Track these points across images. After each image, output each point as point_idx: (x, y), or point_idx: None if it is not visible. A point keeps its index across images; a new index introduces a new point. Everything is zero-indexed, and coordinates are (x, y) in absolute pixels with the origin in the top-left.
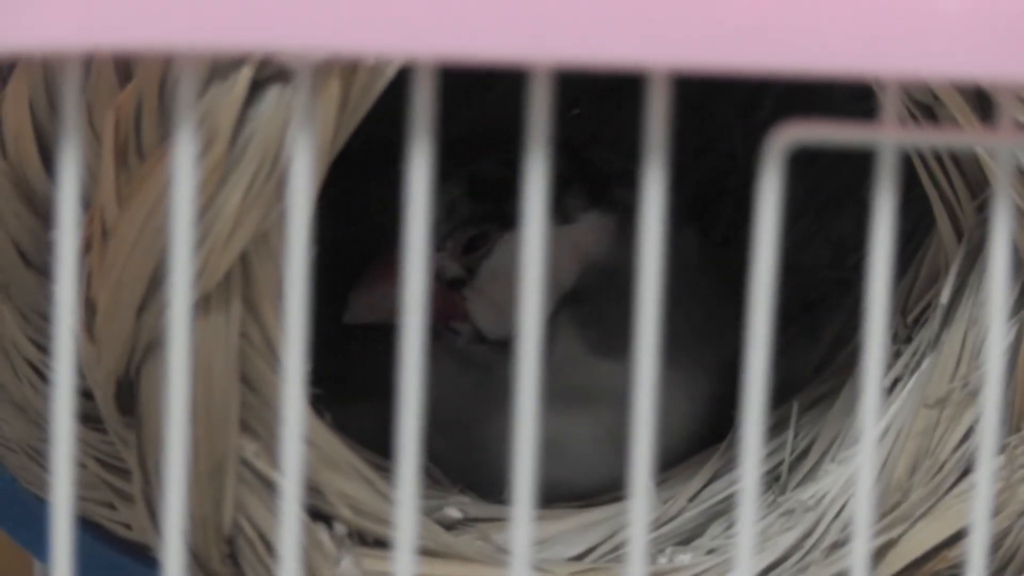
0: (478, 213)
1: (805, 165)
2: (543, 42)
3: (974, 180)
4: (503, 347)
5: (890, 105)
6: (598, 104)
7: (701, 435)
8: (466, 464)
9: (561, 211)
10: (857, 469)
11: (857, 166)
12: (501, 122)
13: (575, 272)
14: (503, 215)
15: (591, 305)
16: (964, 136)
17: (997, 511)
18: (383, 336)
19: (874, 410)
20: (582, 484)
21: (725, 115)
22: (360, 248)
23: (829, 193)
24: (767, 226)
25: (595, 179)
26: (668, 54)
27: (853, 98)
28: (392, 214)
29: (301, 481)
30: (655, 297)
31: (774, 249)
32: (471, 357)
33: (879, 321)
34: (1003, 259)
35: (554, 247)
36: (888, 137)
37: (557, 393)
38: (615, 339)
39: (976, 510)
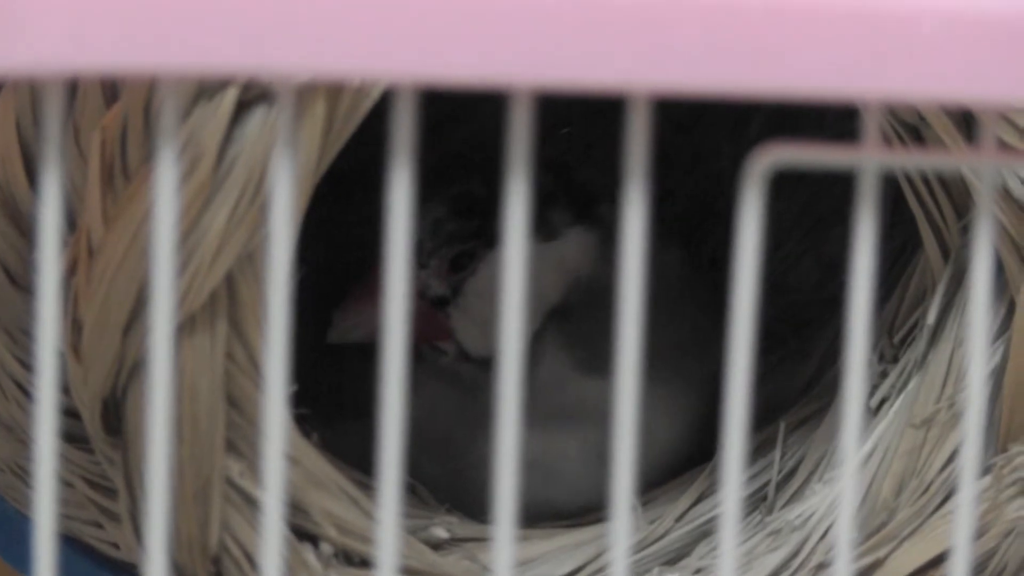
0: (463, 231)
1: (793, 185)
2: (523, 66)
3: (960, 200)
4: (489, 365)
5: (871, 126)
6: (590, 122)
7: (686, 452)
8: (454, 484)
9: (546, 227)
10: (841, 490)
11: (846, 186)
12: (485, 140)
13: (561, 288)
14: (487, 233)
15: (577, 322)
16: (947, 157)
17: (983, 531)
18: (368, 355)
19: (856, 431)
20: (571, 503)
21: (714, 134)
22: (345, 269)
23: (818, 213)
24: (748, 246)
25: (580, 196)
26: (649, 77)
27: (844, 116)
28: (375, 235)
29: (286, 500)
30: (636, 315)
31: (756, 269)
32: (457, 376)
33: (861, 341)
34: (986, 278)
35: (539, 263)
36: (870, 158)
37: (544, 411)
38: (601, 356)
39: (958, 532)
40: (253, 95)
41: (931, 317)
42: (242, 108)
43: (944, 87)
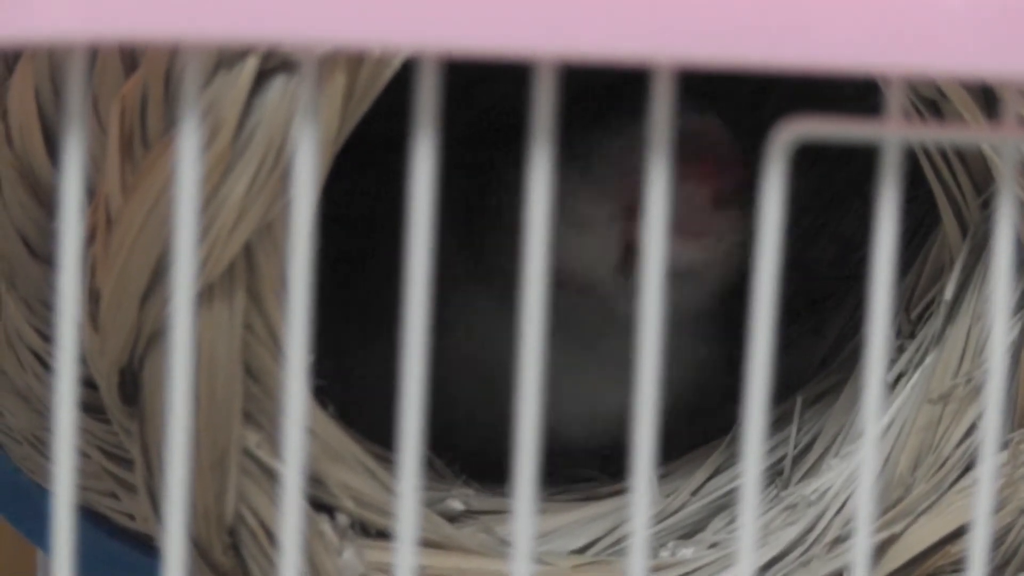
0: None
1: (811, 161)
2: (546, 36)
3: (979, 176)
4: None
5: (894, 101)
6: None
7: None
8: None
9: None
10: (859, 465)
11: (863, 162)
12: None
13: None
14: None
15: None
16: (968, 132)
17: (999, 507)
18: (389, 328)
19: (876, 406)
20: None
21: (731, 110)
22: (364, 244)
23: (835, 189)
24: (770, 222)
25: None
26: (672, 49)
27: (863, 93)
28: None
29: (303, 472)
30: (658, 290)
31: (777, 245)
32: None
33: (882, 317)
34: (1007, 255)
35: None
36: (892, 133)
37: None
38: None
39: (978, 507)
40: (273, 65)
41: (949, 293)
42: (262, 78)
43: (967, 63)
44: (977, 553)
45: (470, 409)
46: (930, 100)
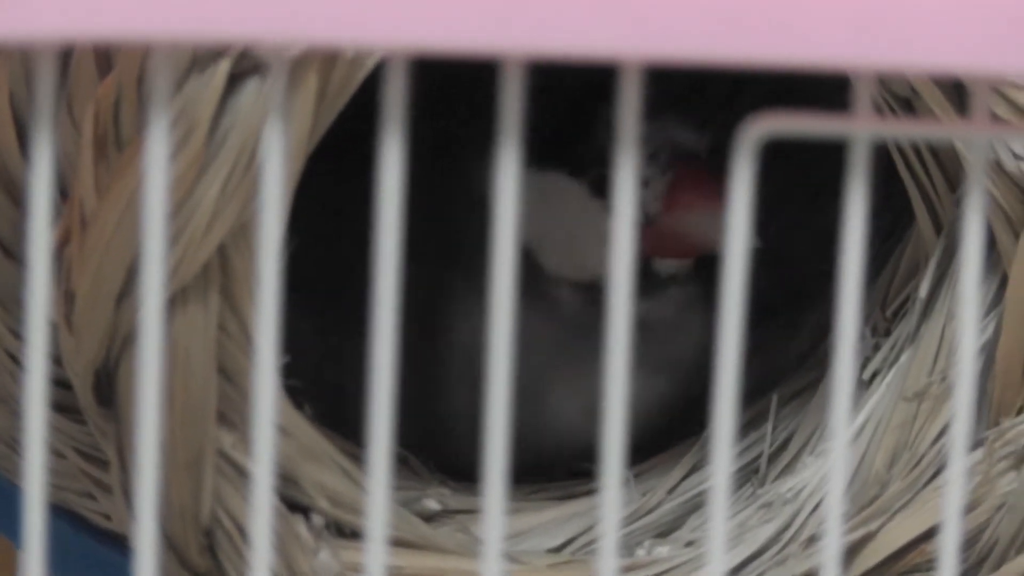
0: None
1: (786, 156)
2: (515, 34)
3: (953, 173)
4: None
5: (863, 97)
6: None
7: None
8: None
9: None
10: (831, 466)
11: (840, 157)
12: None
13: None
14: None
15: None
16: (938, 128)
17: (975, 505)
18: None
19: (846, 405)
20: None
21: (707, 105)
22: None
23: (812, 184)
24: (739, 218)
25: None
26: (640, 46)
27: (840, 89)
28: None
29: (277, 472)
30: (626, 286)
31: (746, 241)
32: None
33: (851, 314)
34: (976, 251)
35: None
36: (862, 129)
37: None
38: None
39: (948, 507)
40: (246, 66)
41: (923, 291)
42: (235, 79)
43: (937, 59)
44: (947, 553)
45: (458, 409)
46: (902, 97)
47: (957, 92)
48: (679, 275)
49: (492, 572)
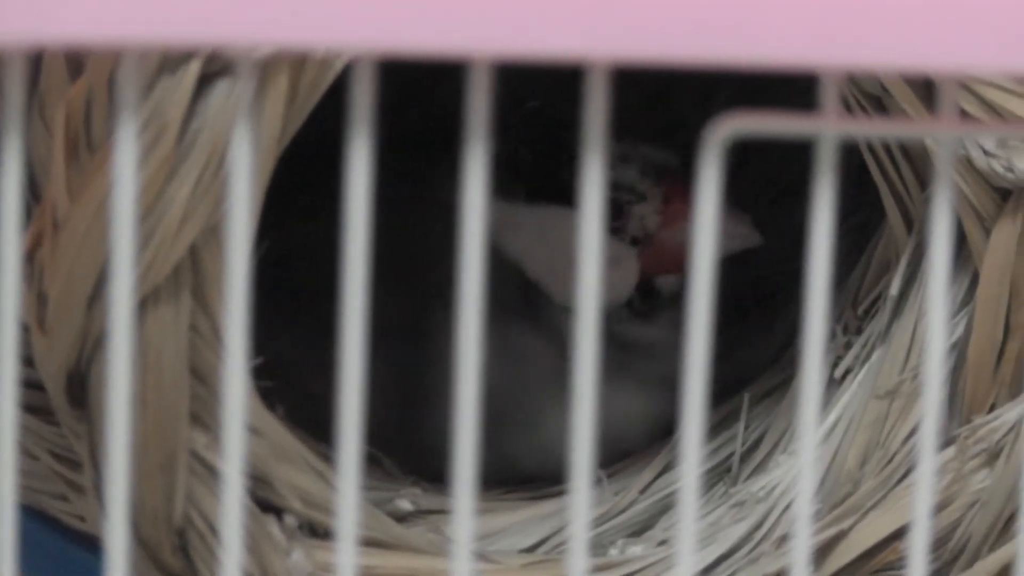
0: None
1: (761, 155)
2: (482, 36)
3: (924, 171)
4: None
5: (831, 95)
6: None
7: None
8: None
9: None
10: (799, 468)
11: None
12: None
13: None
14: None
15: None
16: (905, 126)
17: (947, 503)
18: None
19: (815, 408)
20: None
21: (682, 104)
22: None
23: (786, 182)
24: (706, 217)
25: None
26: (607, 47)
27: (813, 89)
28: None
29: (250, 472)
30: (593, 287)
31: (714, 241)
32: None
33: (819, 313)
34: (945, 249)
35: None
36: (829, 127)
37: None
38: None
39: (917, 508)
40: (216, 68)
41: (894, 288)
42: (205, 81)
43: (903, 57)
44: (917, 554)
45: (432, 410)
46: (873, 96)
47: (928, 90)
48: (682, 291)
49: (463, 572)
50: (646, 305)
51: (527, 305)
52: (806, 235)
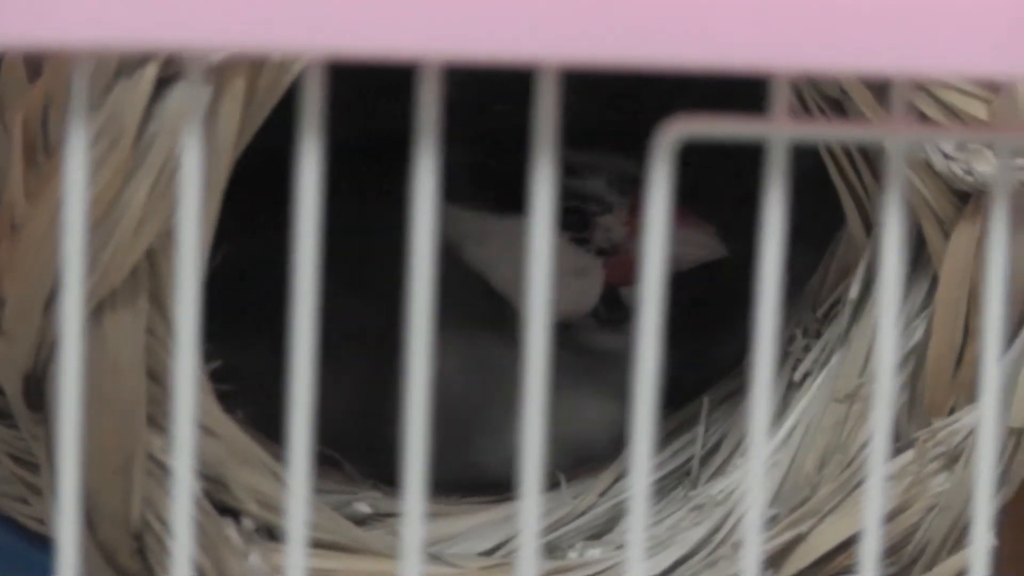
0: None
1: (726, 157)
2: (432, 39)
3: (884, 175)
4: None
5: (780, 99)
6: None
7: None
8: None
9: None
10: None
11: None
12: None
13: None
14: None
15: None
16: (857, 129)
17: (906, 507)
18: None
19: (766, 415)
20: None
21: (646, 107)
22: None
23: (749, 185)
24: (657, 222)
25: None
26: (559, 50)
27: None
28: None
29: (207, 475)
30: (543, 293)
31: (664, 245)
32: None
33: (769, 317)
34: (896, 252)
35: None
36: (778, 131)
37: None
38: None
39: (868, 515)
40: (172, 71)
41: (854, 292)
42: (162, 85)
43: (855, 59)
44: (868, 559)
45: (392, 413)
46: (832, 99)
47: (887, 93)
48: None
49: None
50: (612, 315)
51: (493, 315)
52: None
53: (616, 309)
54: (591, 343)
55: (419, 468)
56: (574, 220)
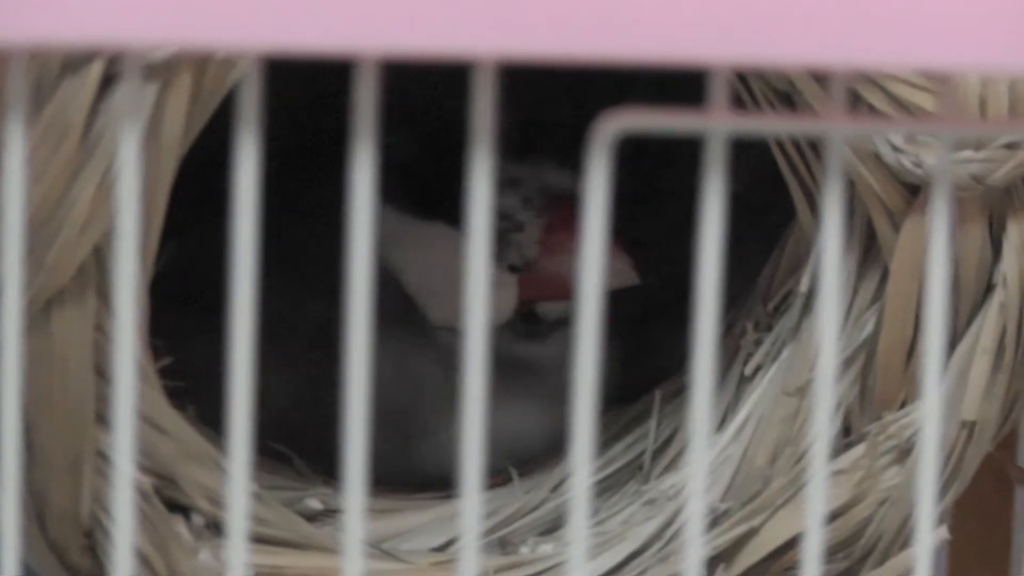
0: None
1: (676, 150)
2: (370, 34)
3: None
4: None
5: (718, 92)
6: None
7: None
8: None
9: None
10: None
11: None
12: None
13: None
14: None
15: None
16: (795, 122)
17: (859, 500)
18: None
19: (705, 415)
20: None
21: (596, 100)
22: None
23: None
24: (595, 217)
25: None
26: (495, 44)
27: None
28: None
29: (157, 472)
30: (483, 295)
31: (603, 240)
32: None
33: (709, 312)
34: (835, 247)
35: None
36: (716, 125)
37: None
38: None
39: (809, 518)
40: (119, 69)
41: (804, 285)
42: (108, 83)
43: (793, 53)
44: (810, 560)
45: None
46: (782, 92)
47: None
48: (568, 316)
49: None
50: (529, 329)
51: (409, 318)
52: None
53: (534, 323)
54: (511, 353)
55: (359, 463)
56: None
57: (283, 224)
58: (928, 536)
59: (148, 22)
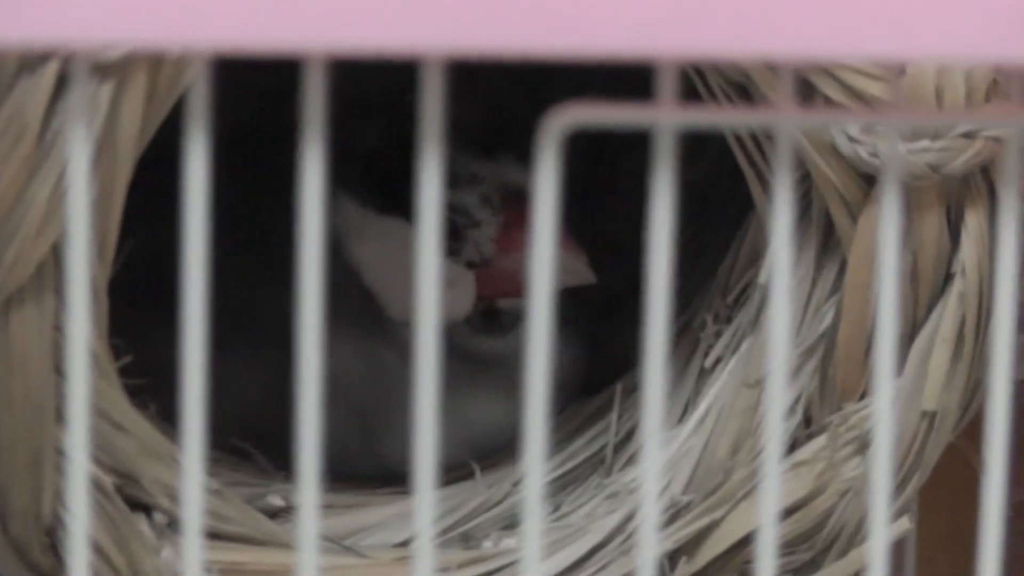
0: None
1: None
2: (316, 32)
3: (792, 160)
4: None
5: (666, 86)
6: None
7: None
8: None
9: None
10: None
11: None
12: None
13: None
14: None
15: None
16: (745, 114)
17: (821, 491)
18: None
19: (659, 414)
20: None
21: (560, 98)
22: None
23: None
24: (545, 211)
25: None
26: (442, 40)
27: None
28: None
29: (118, 470)
30: (433, 292)
31: (553, 234)
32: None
33: (660, 307)
34: (786, 239)
35: None
36: (666, 117)
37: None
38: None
39: (763, 512)
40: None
41: (763, 277)
42: (64, 82)
43: (741, 45)
44: (764, 555)
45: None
46: (738, 84)
47: (794, 77)
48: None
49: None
50: (489, 324)
51: (369, 313)
52: (682, 223)
53: (493, 319)
54: (471, 348)
55: (313, 456)
56: (444, 231)
57: (248, 221)
58: (883, 528)
59: (98, 22)
